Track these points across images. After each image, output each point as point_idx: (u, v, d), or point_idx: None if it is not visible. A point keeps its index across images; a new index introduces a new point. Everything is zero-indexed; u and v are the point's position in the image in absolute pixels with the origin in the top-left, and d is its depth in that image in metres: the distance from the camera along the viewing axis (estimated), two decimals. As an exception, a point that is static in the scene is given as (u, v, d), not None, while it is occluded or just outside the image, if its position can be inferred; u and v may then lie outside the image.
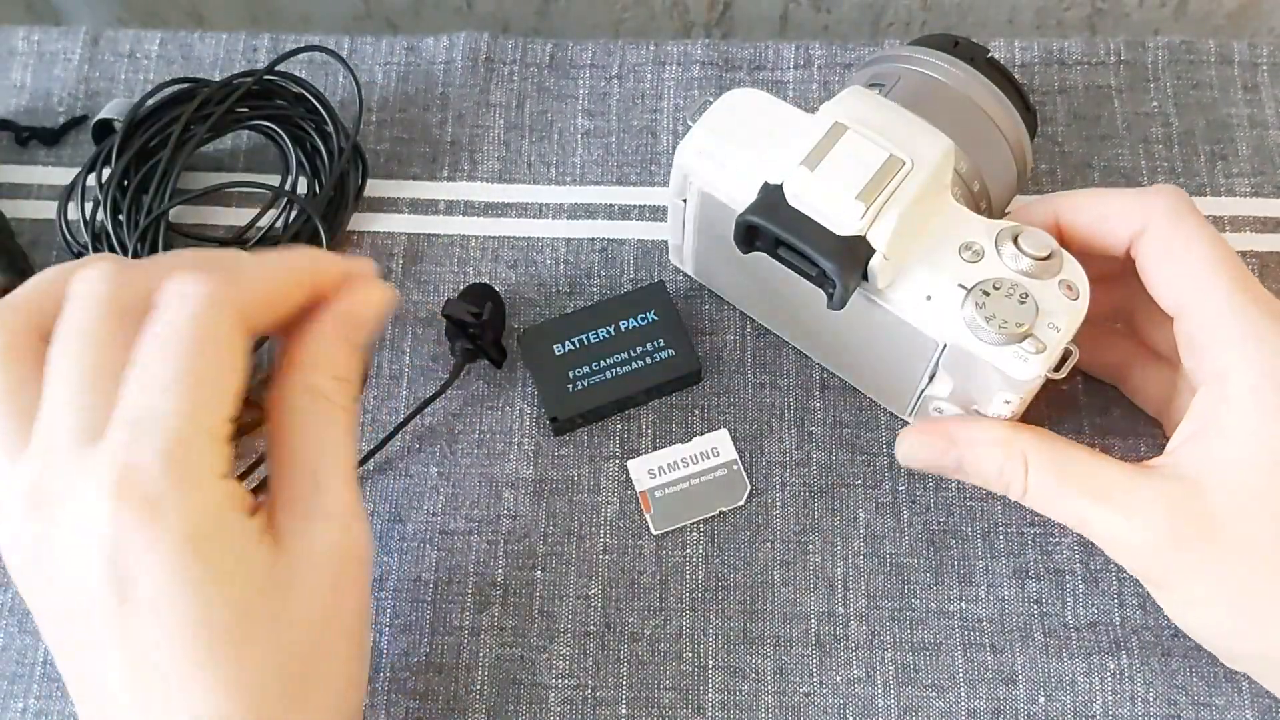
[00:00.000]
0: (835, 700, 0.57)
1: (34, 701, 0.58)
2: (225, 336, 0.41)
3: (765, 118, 0.54)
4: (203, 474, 0.40)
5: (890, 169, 0.49)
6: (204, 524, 0.40)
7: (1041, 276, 0.49)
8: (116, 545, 0.39)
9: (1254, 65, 0.69)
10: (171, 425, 0.39)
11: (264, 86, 0.66)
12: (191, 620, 0.39)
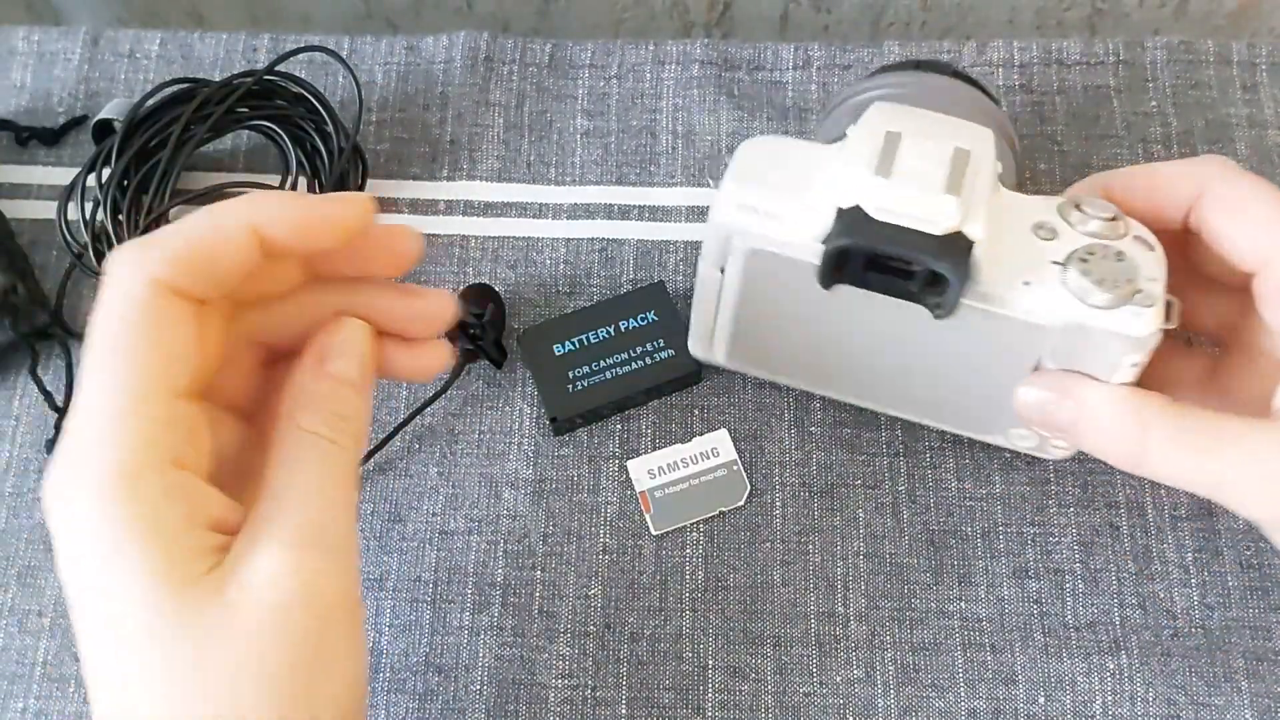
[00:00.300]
0: (835, 700, 0.57)
1: (34, 701, 0.58)
2: (147, 317, 0.39)
3: (794, 159, 0.51)
4: (132, 467, 0.38)
5: (960, 160, 0.48)
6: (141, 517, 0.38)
7: (1113, 236, 0.48)
8: (59, 539, 0.38)
9: (1253, 65, 0.69)
10: (104, 435, 0.38)
11: (264, 86, 0.66)
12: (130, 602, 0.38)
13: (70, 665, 0.58)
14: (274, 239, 0.41)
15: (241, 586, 0.38)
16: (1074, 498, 0.60)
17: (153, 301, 0.39)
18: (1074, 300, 0.48)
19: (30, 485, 0.62)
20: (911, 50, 0.71)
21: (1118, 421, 0.49)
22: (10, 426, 0.63)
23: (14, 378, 0.64)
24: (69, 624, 0.58)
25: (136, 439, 0.38)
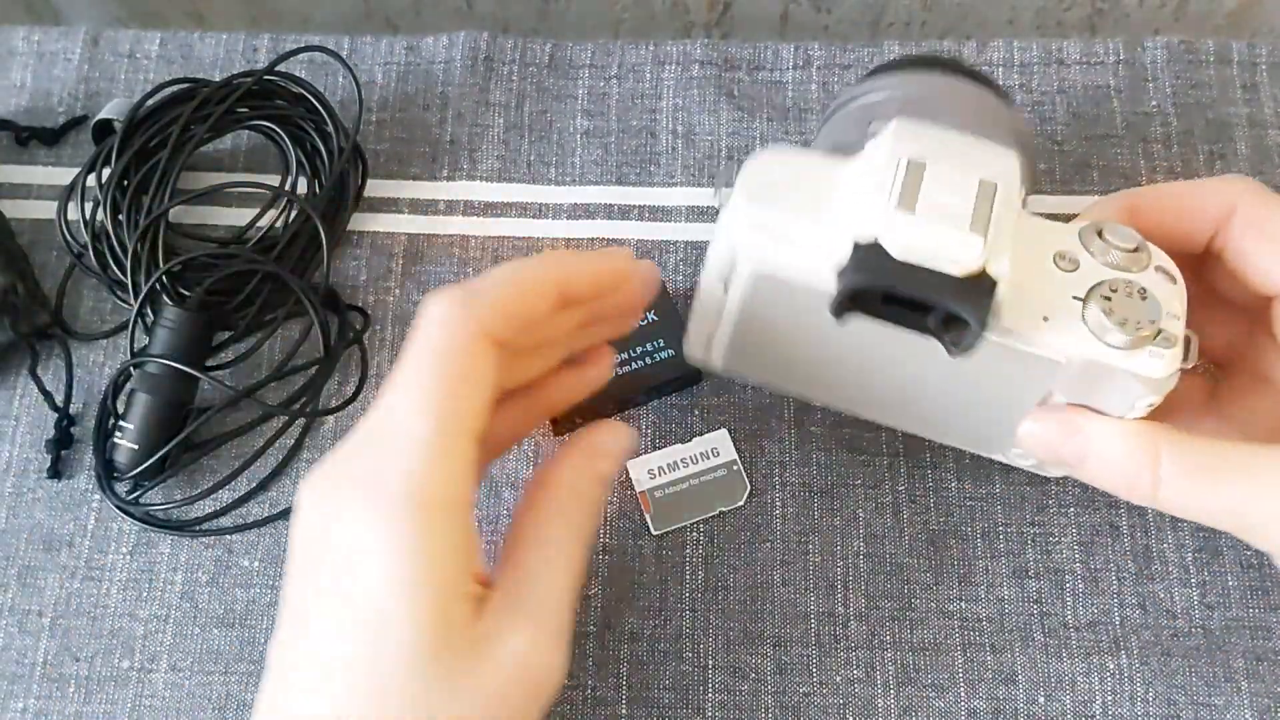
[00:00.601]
0: (835, 700, 0.57)
1: (34, 701, 0.58)
2: (464, 353, 0.43)
3: (807, 176, 0.48)
4: (439, 489, 0.41)
5: (987, 193, 0.45)
6: (429, 535, 0.41)
7: (1134, 269, 0.47)
8: (351, 528, 0.41)
9: (1253, 65, 0.69)
10: (414, 441, 0.42)
11: (264, 86, 0.66)
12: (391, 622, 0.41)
13: (69, 665, 0.58)
14: (574, 294, 0.46)
15: (497, 653, 0.42)
16: (1074, 497, 0.60)
17: (474, 347, 0.43)
18: (1093, 339, 0.46)
19: (30, 485, 0.62)
20: (911, 50, 0.71)
21: (1128, 456, 0.48)
22: (10, 426, 0.63)
23: (14, 378, 0.64)
24: (68, 624, 0.58)
25: (447, 475, 0.42)
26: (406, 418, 0.42)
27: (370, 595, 0.41)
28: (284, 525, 0.61)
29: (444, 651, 0.41)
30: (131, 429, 0.59)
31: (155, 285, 0.61)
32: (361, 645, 0.41)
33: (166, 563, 0.60)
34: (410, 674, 0.40)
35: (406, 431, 0.42)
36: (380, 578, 0.41)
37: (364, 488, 0.42)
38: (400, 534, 0.41)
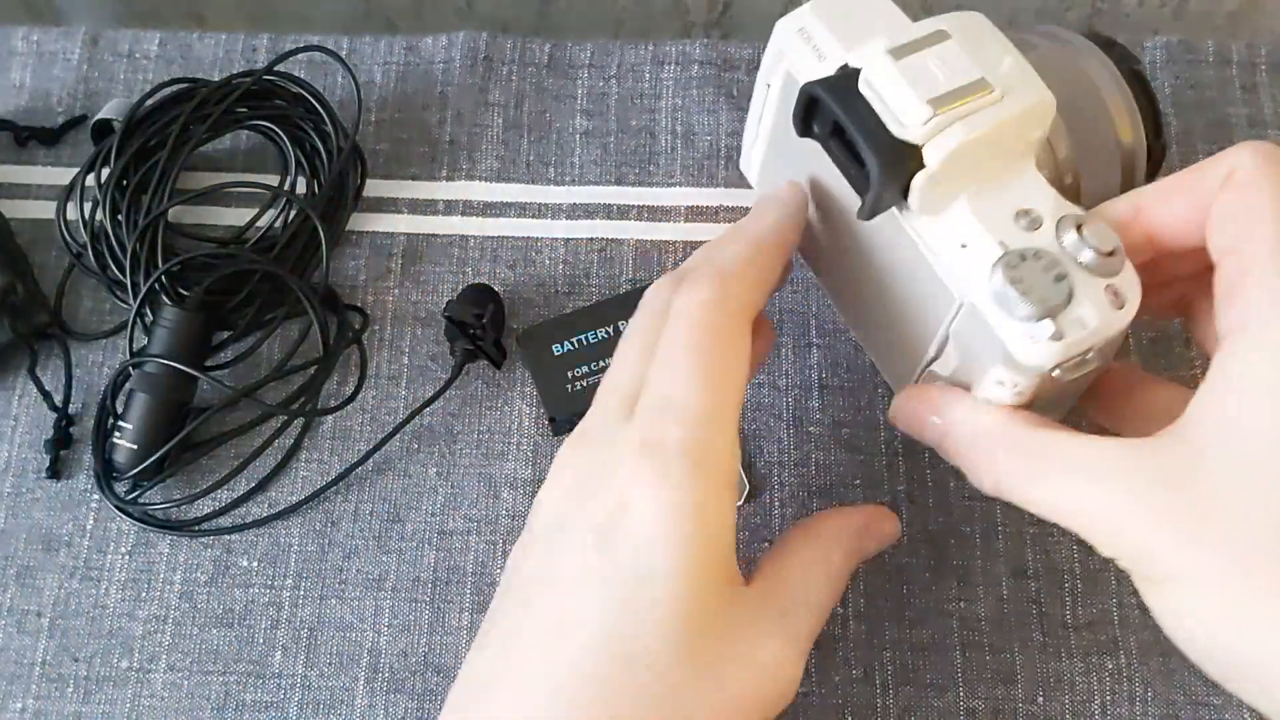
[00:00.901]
0: (834, 700, 0.57)
1: (33, 701, 0.58)
2: (729, 335, 0.45)
3: (876, 17, 0.49)
4: (717, 462, 0.43)
5: (976, 90, 0.44)
6: (706, 501, 0.42)
7: (1093, 274, 0.44)
8: (624, 490, 0.42)
9: (1252, 65, 0.69)
10: (692, 407, 0.43)
11: (263, 86, 0.66)
12: (645, 579, 0.41)
13: (68, 665, 0.58)
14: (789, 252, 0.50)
15: (751, 652, 0.43)
16: (1073, 497, 0.60)
17: (737, 327, 0.46)
18: (988, 289, 0.44)
19: (28, 485, 0.62)
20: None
21: (973, 443, 0.46)
22: (9, 427, 0.63)
23: (13, 378, 0.64)
24: (67, 624, 0.59)
25: (723, 448, 0.43)
26: (685, 392, 0.43)
27: (643, 545, 0.41)
28: (282, 525, 0.61)
29: (705, 620, 0.41)
30: (130, 429, 0.60)
31: (154, 285, 0.61)
32: (619, 596, 0.41)
33: (165, 563, 0.60)
34: (665, 643, 0.41)
35: (684, 403, 0.43)
36: (655, 533, 0.41)
37: (638, 451, 0.42)
38: (678, 493, 0.41)
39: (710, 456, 0.43)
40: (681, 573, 0.41)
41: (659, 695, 0.40)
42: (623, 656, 0.40)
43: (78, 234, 0.64)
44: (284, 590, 0.59)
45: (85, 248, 0.64)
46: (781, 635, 0.44)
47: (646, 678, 0.40)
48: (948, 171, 0.44)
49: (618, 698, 0.40)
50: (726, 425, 0.44)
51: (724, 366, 0.45)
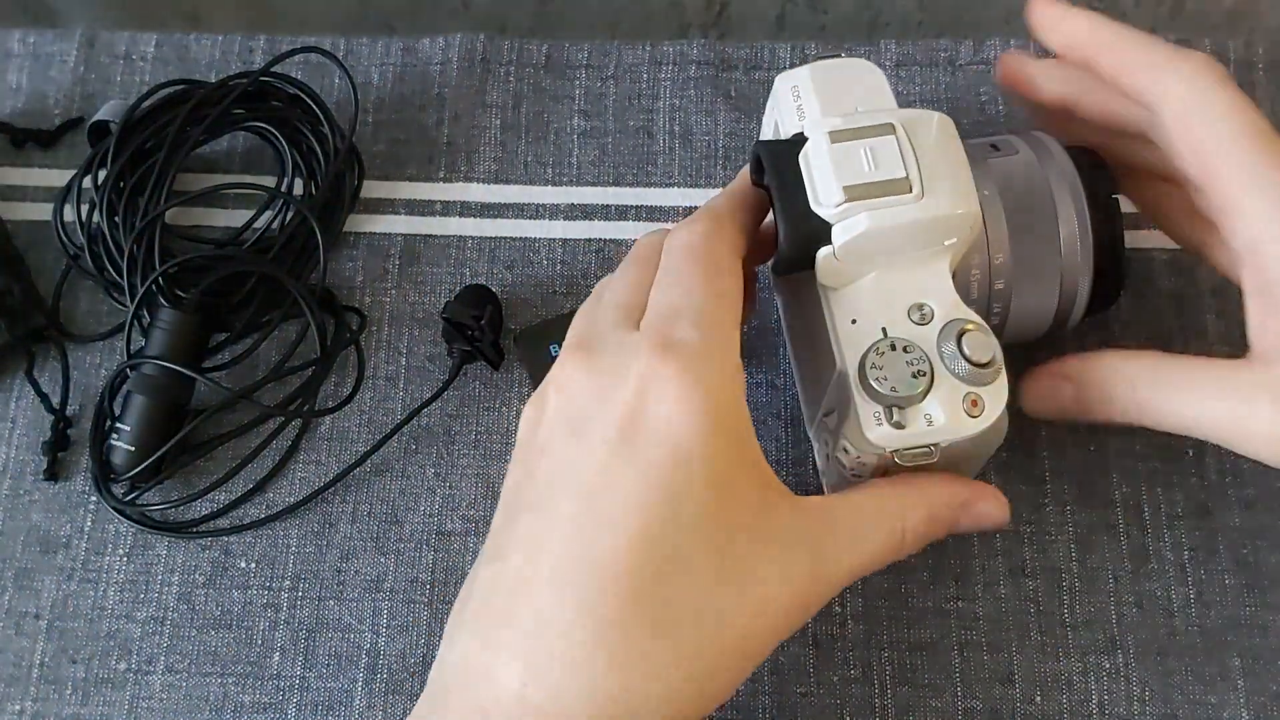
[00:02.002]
0: (832, 700, 0.57)
1: (30, 704, 0.58)
2: (723, 258, 0.47)
3: (863, 93, 0.52)
4: (728, 351, 0.44)
5: (896, 188, 0.47)
6: (725, 395, 0.43)
7: (960, 379, 0.47)
8: (644, 387, 0.42)
9: (1250, 64, 0.69)
10: (700, 311, 0.45)
11: (260, 88, 0.66)
12: (676, 464, 0.42)
13: (66, 667, 0.58)
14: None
15: (774, 559, 0.43)
16: (1070, 496, 0.60)
17: (735, 259, 0.48)
18: (858, 367, 0.48)
19: (26, 487, 0.62)
20: (909, 50, 0.71)
21: (1113, 384, 0.51)
22: (6, 429, 0.63)
23: (10, 380, 0.64)
24: (65, 626, 0.59)
25: (729, 348, 0.45)
26: (691, 301, 0.45)
27: (673, 438, 0.42)
28: (280, 527, 0.61)
29: (743, 512, 0.43)
30: (128, 431, 0.60)
31: (151, 287, 0.61)
32: (655, 494, 0.41)
33: (163, 564, 0.60)
34: (704, 536, 0.41)
35: (694, 309, 0.45)
36: (684, 423, 0.42)
37: (654, 350, 0.43)
38: (702, 383, 0.42)
39: (725, 355, 0.44)
40: (711, 458, 0.41)
41: (699, 590, 0.41)
42: (668, 550, 0.41)
43: (75, 236, 0.64)
44: (282, 592, 0.59)
45: (82, 250, 0.64)
46: (817, 554, 0.44)
47: (688, 572, 0.41)
48: (850, 252, 0.48)
49: (666, 592, 0.41)
50: (733, 334, 0.45)
51: (725, 285, 0.46)
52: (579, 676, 0.40)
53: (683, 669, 0.41)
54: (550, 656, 0.41)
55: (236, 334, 0.63)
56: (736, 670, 0.43)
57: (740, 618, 0.42)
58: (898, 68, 0.70)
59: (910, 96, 0.69)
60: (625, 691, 0.40)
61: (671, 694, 0.41)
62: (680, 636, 0.41)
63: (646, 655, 0.40)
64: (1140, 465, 0.60)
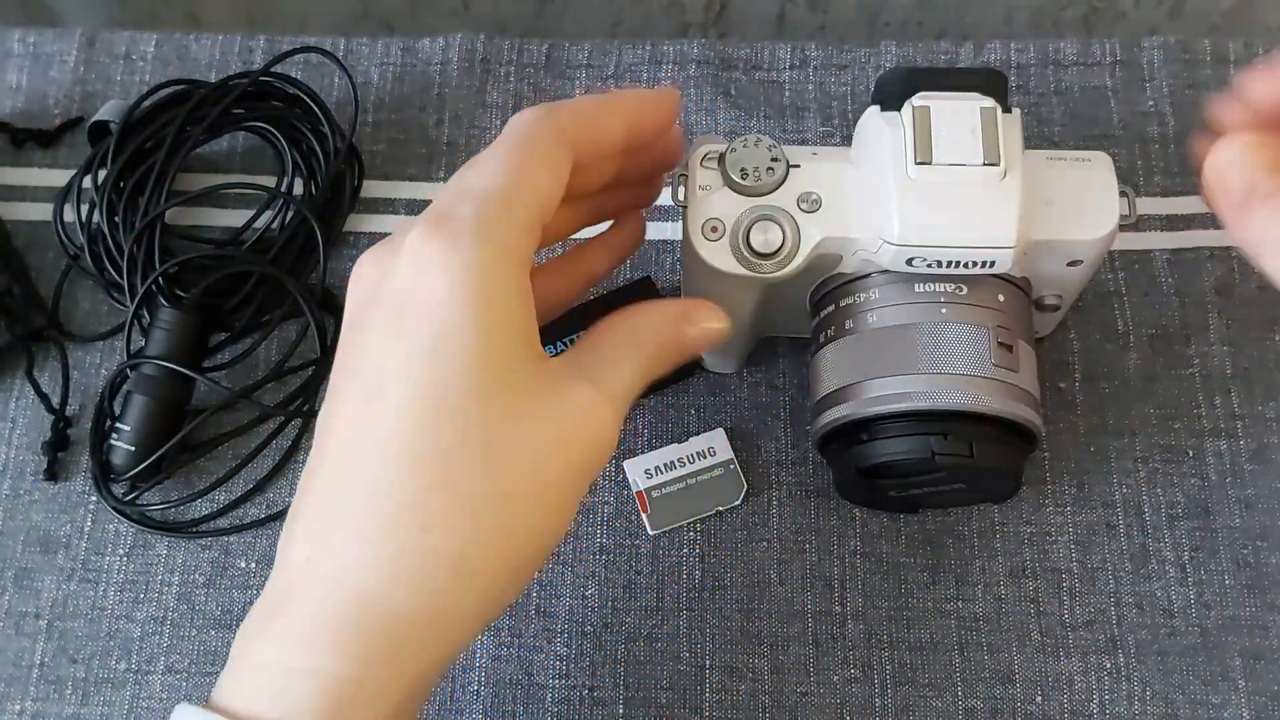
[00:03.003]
0: (832, 699, 0.57)
1: (31, 704, 0.58)
2: (542, 142, 0.46)
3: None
4: (504, 236, 0.44)
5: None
6: (494, 267, 0.43)
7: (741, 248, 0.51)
8: (414, 256, 0.43)
9: (1250, 64, 0.69)
10: (488, 190, 0.44)
11: (260, 88, 0.66)
12: (439, 334, 0.42)
13: (66, 667, 0.58)
14: (639, 134, 0.50)
15: (563, 394, 0.44)
16: (1071, 497, 0.60)
17: (553, 139, 0.46)
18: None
19: (26, 487, 0.62)
20: (908, 50, 0.71)
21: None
22: (6, 429, 0.63)
23: (10, 380, 0.64)
24: (65, 626, 0.59)
25: (510, 224, 0.44)
26: (481, 179, 0.45)
27: (434, 309, 0.42)
28: (279, 526, 0.60)
29: (507, 372, 0.43)
30: (128, 430, 0.60)
31: (151, 287, 0.61)
32: (420, 363, 0.42)
33: (163, 565, 0.60)
34: (470, 391, 0.42)
35: (480, 187, 0.44)
36: (445, 294, 0.42)
37: (426, 225, 0.43)
38: (465, 255, 0.42)
39: (499, 230, 0.44)
40: (474, 324, 0.42)
41: (473, 439, 0.42)
42: (433, 407, 0.42)
43: (75, 236, 0.64)
44: (282, 591, 0.59)
45: (82, 249, 0.64)
46: (590, 387, 0.45)
47: (459, 424, 0.42)
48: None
49: (437, 445, 0.42)
50: (520, 209, 0.45)
51: (528, 164, 0.46)
52: (357, 541, 0.42)
53: (468, 519, 0.42)
54: (331, 528, 0.42)
55: (236, 334, 0.63)
56: (539, 509, 0.44)
57: (522, 457, 0.43)
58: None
59: (910, 96, 0.69)
60: (404, 550, 0.41)
61: (462, 545, 0.42)
62: (459, 489, 0.42)
63: (425, 510, 0.41)
64: (1140, 465, 0.60)
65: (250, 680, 0.43)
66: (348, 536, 0.42)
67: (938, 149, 0.49)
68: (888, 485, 0.55)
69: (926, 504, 0.59)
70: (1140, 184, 0.67)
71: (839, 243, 0.52)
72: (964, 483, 0.55)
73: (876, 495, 0.58)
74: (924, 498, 0.58)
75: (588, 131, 0.48)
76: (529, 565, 0.45)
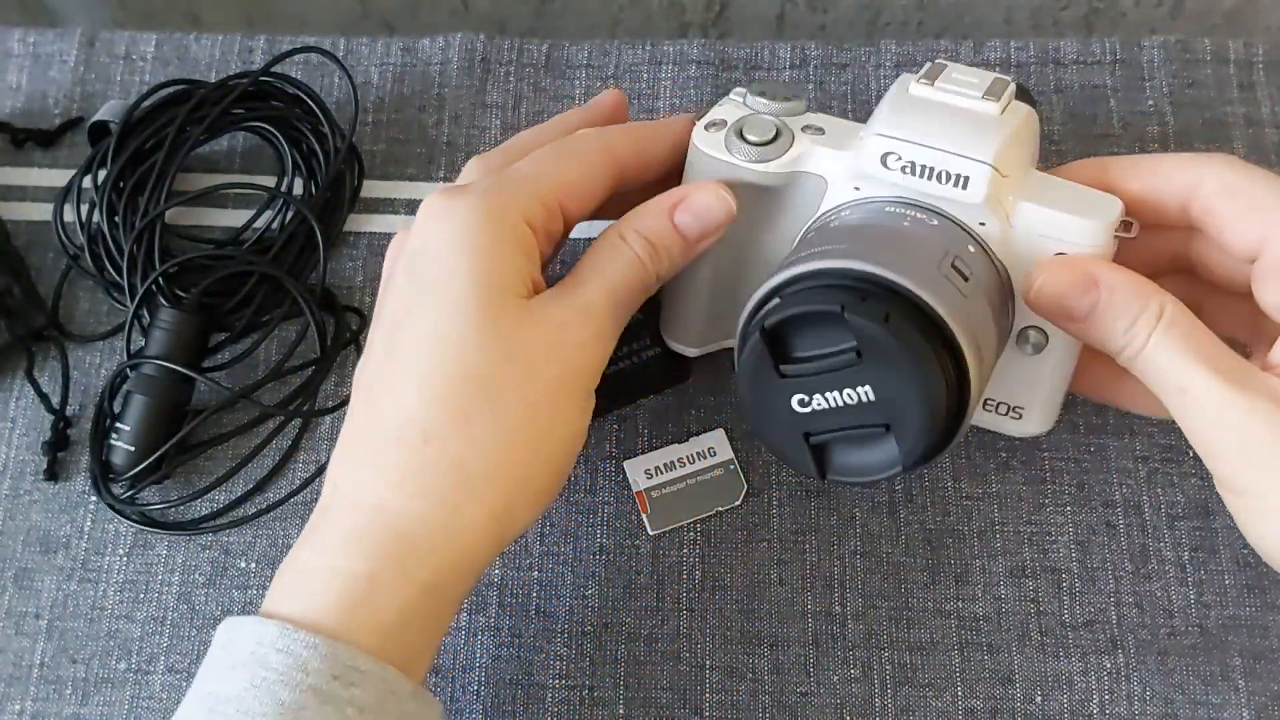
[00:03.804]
0: (832, 700, 0.57)
1: (31, 704, 0.58)
2: (577, 147, 0.53)
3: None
4: (505, 198, 0.50)
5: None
6: (486, 219, 0.49)
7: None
8: (426, 215, 0.50)
9: (1249, 64, 0.69)
10: (502, 172, 0.52)
11: (260, 88, 0.66)
12: (442, 278, 0.49)
13: (66, 667, 0.58)
14: (629, 175, 0.54)
15: (538, 319, 0.49)
16: (1070, 496, 0.60)
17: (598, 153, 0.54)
18: None
19: (26, 487, 0.62)
20: (908, 50, 0.71)
21: (1137, 308, 0.49)
22: (6, 428, 0.63)
23: (10, 380, 0.64)
24: (65, 626, 0.59)
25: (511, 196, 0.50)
26: (509, 164, 0.52)
27: (437, 258, 0.49)
28: (279, 526, 0.61)
29: (494, 308, 0.48)
30: (128, 431, 0.60)
31: (152, 287, 0.61)
32: (426, 301, 0.49)
33: (163, 564, 0.60)
34: (465, 323, 0.48)
35: (500, 167, 0.52)
36: (446, 244, 0.49)
37: (441, 191, 0.50)
38: (464, 214, 0.49)
39: (499, 195, 0.50)
40: (469, 268, 0.48)
41: (467, 360, 0.48)
42: (435, 335, 0.48)
43: (75, 236, 0.64)
44: (282, 592, 0.59)
45: (82, 249, 0.64)
46: (565, 308, 0.50)
47: (455, 349, 0.48)
48: None
49: (436, 367, 0.48)
50: (529, 184, 0.51)
51: (555, 157, 0.52)
52: (373, 457, 0.48)
53: (463, 429, 0.48)
54: (356, 450, 0.50)
55: (236, 334, 0.63)
56: (529, 420, 0.49)
57: (509, 373, 0.48)
58: (898, 68, 0.70)
59: (910, 96, 0.69)
60: (409, 460, 0.47)
61: (460, 453, 0.47)
62: (454, 403, 0.48)
63: (424, 423, 0.48)
64: (1140, 465, 0.60)
65: (282, 584, 0.49)
66: (367, 454, 0.49)
67: (943, 79, 0.51)
68: (790, 388, 0.48)
69: (832, 457, 0.51)
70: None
71: (828, 159, 0.52)
72: (874, 388, 0.47)
73: (780, 417, 0.49)
74: (828, 420, 0.49)
75: (633, 146, 0.54)
76: (530, 477, 0.49)
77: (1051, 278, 0.49)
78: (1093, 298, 0.48)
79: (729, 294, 0.56)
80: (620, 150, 0.54)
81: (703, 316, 0.58)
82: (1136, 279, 0.48)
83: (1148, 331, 0.47)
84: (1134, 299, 0.48)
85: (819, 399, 0.48)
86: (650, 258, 0.52)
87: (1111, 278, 0.48)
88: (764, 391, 0.49)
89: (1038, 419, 0.55)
